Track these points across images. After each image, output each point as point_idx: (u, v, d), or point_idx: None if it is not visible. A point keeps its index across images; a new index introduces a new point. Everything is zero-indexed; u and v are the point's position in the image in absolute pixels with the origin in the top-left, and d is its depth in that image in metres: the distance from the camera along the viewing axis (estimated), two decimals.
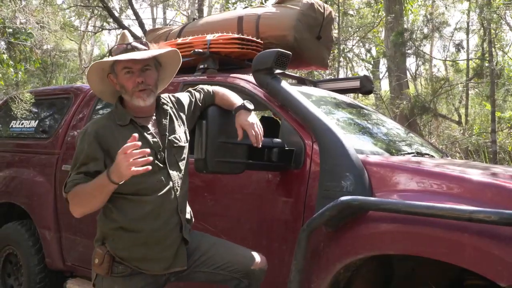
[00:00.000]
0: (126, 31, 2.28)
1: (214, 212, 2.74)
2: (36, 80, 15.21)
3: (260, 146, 2.26)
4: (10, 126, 4.39)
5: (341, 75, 12.48)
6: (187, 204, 2.33)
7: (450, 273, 2.29)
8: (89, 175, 2.03)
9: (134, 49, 2.13)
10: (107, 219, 2.13)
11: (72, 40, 16.90)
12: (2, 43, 5.75)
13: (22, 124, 4.30)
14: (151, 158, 1.88)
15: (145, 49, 2.16)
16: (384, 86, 16.44)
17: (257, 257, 2.30)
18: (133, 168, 1.83)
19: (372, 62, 16.64)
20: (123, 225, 2.10)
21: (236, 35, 3.22)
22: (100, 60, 2.17)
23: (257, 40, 3.31)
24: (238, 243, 2.50)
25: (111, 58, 2.12)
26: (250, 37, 3.28)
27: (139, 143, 1.85)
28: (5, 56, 5.63)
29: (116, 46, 2.17)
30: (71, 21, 17.02)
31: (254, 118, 2.26)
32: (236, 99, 2.35)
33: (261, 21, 3.46)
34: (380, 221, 2.05)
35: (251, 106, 2.30)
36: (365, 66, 17.46)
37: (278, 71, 2.73)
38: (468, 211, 1.79)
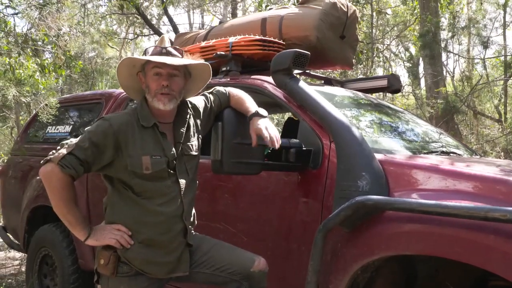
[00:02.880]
0: (165, 35, 2.34)
1: (233, 213, 2.75)
2: (80, 87, 15.69)
3: (278, 147, 2.26)
4: (47, 131, 4.55)
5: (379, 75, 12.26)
6: (193, 208, 2.35)
7: (474, 274, 2.22)
8: (84, 163, 2.06)
9: (168, 53, 2.18)
10: (113, 218, 2.18)
11: (113, 47, 17.35)
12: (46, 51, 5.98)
13: (57, 129, 4.45)
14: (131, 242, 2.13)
15: (178, 56, 2.21)
16: (424, 84, 16.10)
17: (257, 259, 2.30)
18: (112, 241, 2.11)
19: (411, 61, 16.31)
20: (129, 226, 2.14)
21: (257, 37, 3.22)
22: (132, 57, 2.23)
23: (279, 41, 3.31)
24: (257, 244, 2.51)
25: (143, 57, 2.17)
26: (271, 38, 3.28)
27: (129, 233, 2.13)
28: (46, 62, 5.84)
29: (152, 47, 2.23)
30: (113, 29, 17.48)
31: (265, 122, 2.25)
32: (251, 105, 2.35)
33: (284, 22, 3.46)
34: (395, 221, 2.02)
35: (264, 113, 2.30)
36: (404, 65, 17.15)
37: (296, 71, 2.72)
38: (484, 209, 1.73)
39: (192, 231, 2.32)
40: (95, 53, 16.08)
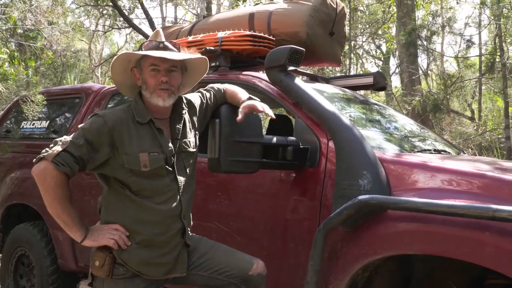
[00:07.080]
0: (160, 29, 2.25)
1: (228, 212, 2.70)
2: (47, 80, 15.28)
3: (274, 117, 2.22)
4: (21, 127, 4.38)
5: (352, 72, 12.38)
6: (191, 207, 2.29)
7: (471, 272, 2.23)
8: (79, 161, 1.97)
9: (165, 48, 2.11)
10: (110, 218, 2.10)
11: (82, 40, 16.94)
12: (12, 43, 5.77)
13: (33, 124, 4.29)
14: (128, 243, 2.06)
15: (175, 51, 2.14)
16: (395, 82, 16.34)
17: (255, 262, 2.25)
18: (111, 241, 2.03)
19: (382, 59, 16.51)
20: (126, 226, 2.06)
21: (247, 32, 3.17)
22: (130, 52, 2.13)
23: (269, 37, 3.26)
24: (252, 244, 2.47)
25: (142, 52, 2.07)
26: (262, 34, 3.23)
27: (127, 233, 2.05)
28: (16, 54, 5.64)
29: (147, 42, 2.14)
30: (81, 22, 17.05)
31: (259, 102, 2.23)
32: (244, 95, 2.31)
33: (272, 18, 3.41)
34: (399, 220, 2.00)
35: (257, 99, 2.26)
36: (375, 63, 17.34)
37: (291, 68, 2.68)
38: (492, 209, 1.72)
39: (189, 232, 2.26)
40: (65, 46, 15.66)
